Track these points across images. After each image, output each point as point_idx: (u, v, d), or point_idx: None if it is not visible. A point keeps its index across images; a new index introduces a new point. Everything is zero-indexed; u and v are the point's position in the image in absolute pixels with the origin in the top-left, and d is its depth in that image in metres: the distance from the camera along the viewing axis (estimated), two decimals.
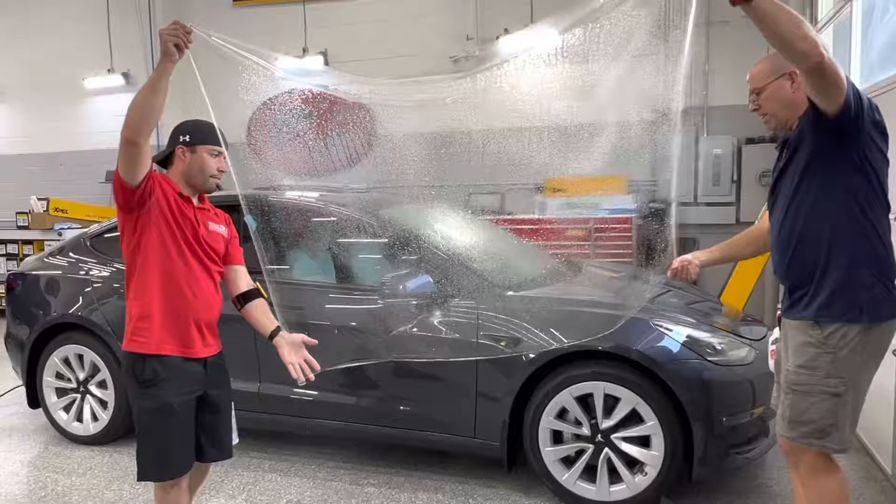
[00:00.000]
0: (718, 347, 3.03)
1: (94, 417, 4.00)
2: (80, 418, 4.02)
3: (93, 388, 3.99)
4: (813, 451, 2.13)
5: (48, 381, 4.08)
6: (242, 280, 2.56)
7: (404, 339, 3.24)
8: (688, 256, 2.63)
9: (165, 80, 2.13)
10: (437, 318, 3.21)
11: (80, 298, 3.97)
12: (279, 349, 2.45)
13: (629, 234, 6.46)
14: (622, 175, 6.79)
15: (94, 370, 3.97)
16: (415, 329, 3.23)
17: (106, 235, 4.24)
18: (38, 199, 7.94)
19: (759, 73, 2.23)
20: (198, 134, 2.44)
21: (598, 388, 3.00)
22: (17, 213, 8.46)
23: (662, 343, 2.96)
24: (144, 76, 8.59)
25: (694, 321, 3.15)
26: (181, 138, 2.41)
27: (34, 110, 9.50)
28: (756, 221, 2.81)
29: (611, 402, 3.02)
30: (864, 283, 2.06)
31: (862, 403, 2.16)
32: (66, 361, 4.04)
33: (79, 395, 4.03)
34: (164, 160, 2.47)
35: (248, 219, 3.69)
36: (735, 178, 6.79)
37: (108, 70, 8.90)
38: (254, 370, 3.58)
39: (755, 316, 3.90)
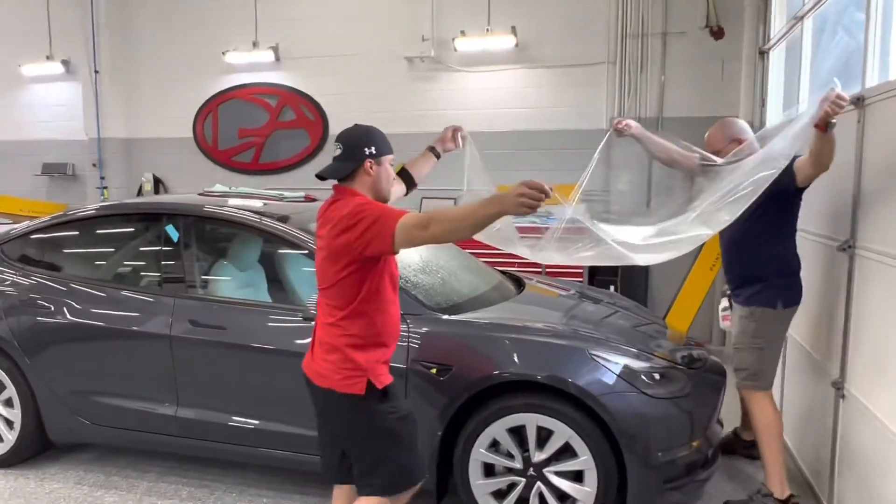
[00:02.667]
0: (656, 378, 2.92)
1: (0, 438, 3.71)
2: None
3: None
4: (753, 391, 3.20)
5: None
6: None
7: None
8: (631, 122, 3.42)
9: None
10: None
11: None
12: (444, 144, 2.93)
13: None
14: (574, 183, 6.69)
15: (0, 387, 3.69)
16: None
17: (33, 237, 3.87)
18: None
19: (716, 139, 3.28)
20: (381, 144, 2.35)
21: (531, 420, 2.86)
22: None
23: (598, 374, 2.82)
24: (84, 64, 8.23)
25: (633, 350, 3.02)
26: (367, 151, 2.30)
27: None
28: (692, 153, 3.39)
29: (545, 434, 2.89)
30: (779, 284, 3.15)
31: (777, 358, 3.31)
32: None
33: None
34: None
35: (170, 228, 3.47)
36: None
37: (47, 57, 8.44)
38: (171, 392, 3.35)
39: (699, 340, 3.82)
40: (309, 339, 2.45)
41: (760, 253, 3.13)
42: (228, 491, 3.47)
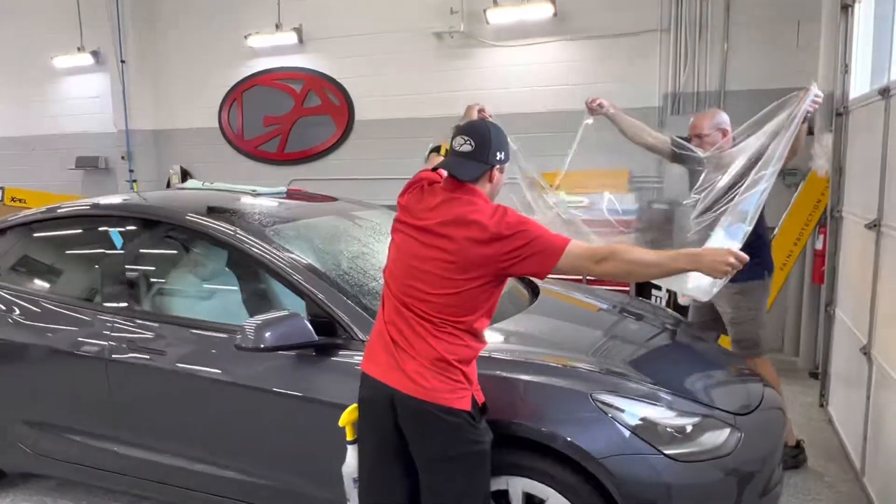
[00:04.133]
0: (687, 431, 2.20)
1: None
2: None
3: None
4: (757, 359, 3.39)
5: None
6: None
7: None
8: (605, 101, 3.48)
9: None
10: (308, 375, 2.45)
11: None
12: None
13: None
14: (625, 169, 5.90)
15: None
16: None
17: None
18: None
19: (703, 124, 3.38)
20: (508, 151, 2.17)
21: (516, 485, 2.21)
22: None
23: (602, 428, 2.13)
24: (113, 55, 8.00)
25: (658, 392, 2.30)
26: (499, 156, 2.11)
27: (5, 91, 8.97)
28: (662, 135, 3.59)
29: (538, 502, 2.23)
30: (763, 257, 3.35)
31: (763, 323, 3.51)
32: None
33: None
34: None
35: (114, 234, 3.00)
36: None
37: (78, 48, 8.27)
38: (109, 425, 2.88)
39: (751, 369, 3.04)
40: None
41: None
42: None
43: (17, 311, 3.11)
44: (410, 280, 2.04)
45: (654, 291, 5.30)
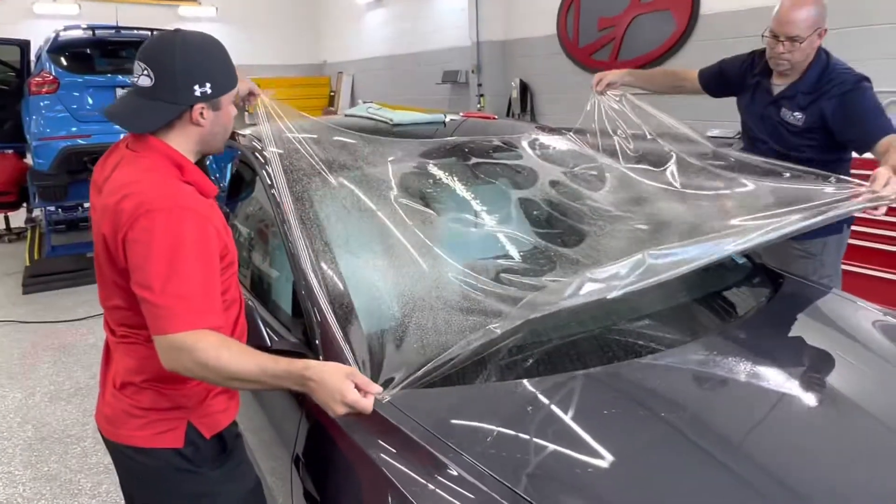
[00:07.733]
0: None
1: None
2: None
3: None
4: None
5: None
6: None
7: None
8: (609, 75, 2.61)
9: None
10: None
11: None
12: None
13: None
14: None
15: None
16: None
17: None
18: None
19: (805, 23, 2.23)
20: (222, 75, 1.42)
21: None
22: None
23: None
24: None
25: None
26: (198, 90, 1.37)
27: (392, 12, 9.84)
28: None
29: None
30: None
31: None
32: None
33: None
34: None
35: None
36: None
37: None
38: None
39: None
40: None
41: None
42: None
43: None
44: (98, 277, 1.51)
45: None
